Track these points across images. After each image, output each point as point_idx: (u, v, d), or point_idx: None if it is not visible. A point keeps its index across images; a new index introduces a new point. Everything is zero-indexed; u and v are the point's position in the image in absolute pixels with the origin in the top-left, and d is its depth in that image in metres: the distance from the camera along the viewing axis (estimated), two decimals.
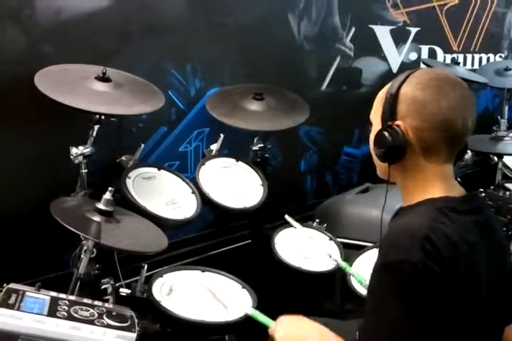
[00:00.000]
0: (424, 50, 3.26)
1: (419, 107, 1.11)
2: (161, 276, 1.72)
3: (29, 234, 1.86)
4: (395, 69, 3.09)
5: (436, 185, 1.13)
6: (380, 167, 1.20)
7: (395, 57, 3.10)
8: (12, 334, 1.20)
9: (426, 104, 1.10)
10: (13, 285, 1.36)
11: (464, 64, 3.47)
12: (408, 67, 3.10)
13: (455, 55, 3.42)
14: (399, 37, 3.09)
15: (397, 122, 1.12)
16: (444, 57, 3.37)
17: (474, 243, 1.07)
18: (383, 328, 1.02)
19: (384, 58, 3.04)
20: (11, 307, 1.25)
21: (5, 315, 1.22)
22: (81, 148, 1.76)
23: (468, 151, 3.01)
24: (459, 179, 1.21)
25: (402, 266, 0.99)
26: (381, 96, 1.17)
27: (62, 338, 1.23)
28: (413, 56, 3.20)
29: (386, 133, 1.12)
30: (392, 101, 1.12)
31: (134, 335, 1.29)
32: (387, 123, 1.13)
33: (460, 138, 1.13)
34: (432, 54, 3.31)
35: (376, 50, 3.00)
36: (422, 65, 3.13)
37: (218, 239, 2.33)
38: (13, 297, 1.29)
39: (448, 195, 1.11)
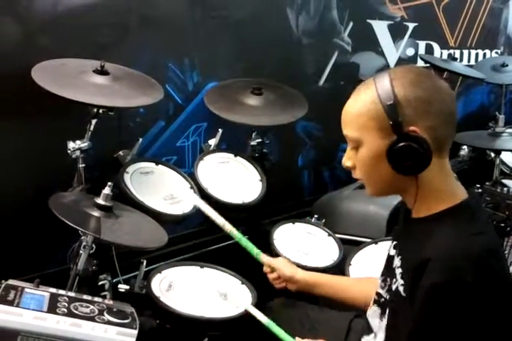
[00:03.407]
0: (421, 45, 3.26)
1: (426, 106, 1.06)
2: (160, 272, 1.70)
3: (26, 230, 1.84)
4: (392, 65, 3.08)
5: (448, 186, 1.11)
6: (385, 184, 1.14)
7: (392, 52, 3.09)
8: (12, 331, 1.18)
9: (431, 101, 1.06)
10: (11, 282, 1.34)
11: (461, 60, 3.48)
12: (405, 62, 3.09)
13: (452, 51, 3.42)
14: (396, 32, 3.08)
15: (412, 128, 1.05)
16: (441, 52, 3.37)
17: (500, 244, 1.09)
18: None
19: (381, 53, 3.04)
20: (10, 303, 1.23)
21: (4, 311, 1.20)
22: (78, 142, 1.74)
23: (465, 147, 3.03)
24: (455, 175, 1.21)
25: (458, 286, 0.97)
26: (362, 111, 1.10)
27: (62, 335, 1.21)
28: (410, 51, 3.20)
29: (411, 144, 1.04)
30: (395, 110, 1.05)
31: (135, 332, 1.28)
32: (401, 134, 1.05)
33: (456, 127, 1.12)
34: (429, 49, 3.30)
35: (374, 45, 2.99)
36: (420, 61, 3.13)
37: (217, 234, 2.31)
38: (12, 293, 1.27)
39: (464, 200, 1.09)
